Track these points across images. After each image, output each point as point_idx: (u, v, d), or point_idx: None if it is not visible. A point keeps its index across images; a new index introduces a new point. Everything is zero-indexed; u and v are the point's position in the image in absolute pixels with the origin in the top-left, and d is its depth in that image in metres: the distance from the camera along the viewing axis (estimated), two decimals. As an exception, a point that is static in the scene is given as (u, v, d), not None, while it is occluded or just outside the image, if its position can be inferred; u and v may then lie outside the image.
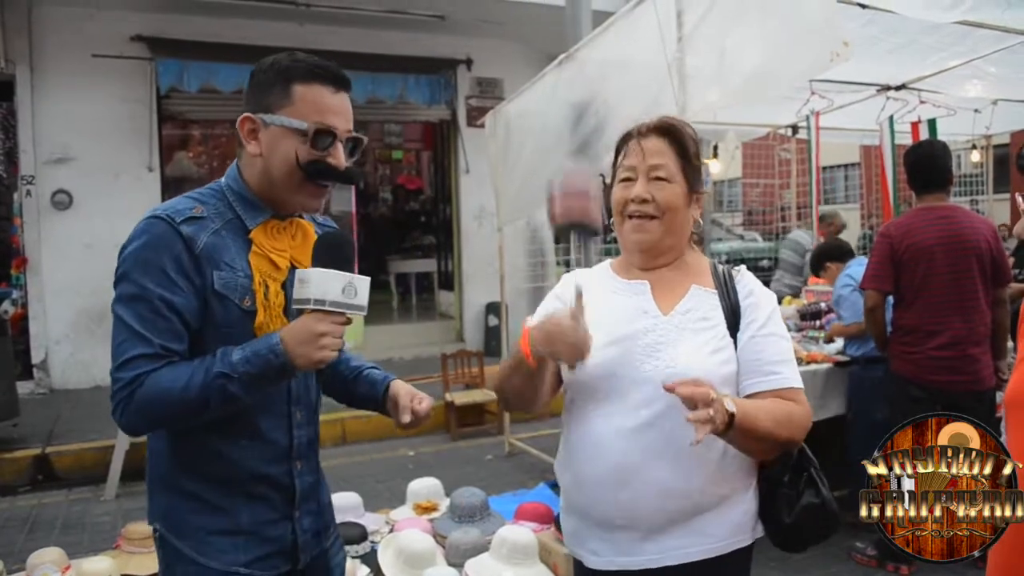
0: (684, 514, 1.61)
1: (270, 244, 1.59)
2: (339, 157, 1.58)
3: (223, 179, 1.64)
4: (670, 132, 1.71)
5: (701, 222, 1.80)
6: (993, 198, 8.72)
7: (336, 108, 1.58)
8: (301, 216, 1.69)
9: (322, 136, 1.55)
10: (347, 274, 1.47)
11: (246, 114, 1.58)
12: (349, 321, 1.50)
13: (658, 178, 1.69)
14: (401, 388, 1.79)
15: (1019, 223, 1.50)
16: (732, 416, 1.47)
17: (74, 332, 7.91)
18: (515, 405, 1.76)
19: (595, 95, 4.57)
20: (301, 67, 1.56)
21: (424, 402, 1.74)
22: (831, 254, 4.89)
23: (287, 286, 1.59)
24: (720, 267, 1.77)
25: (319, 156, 1.56)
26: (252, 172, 1.60)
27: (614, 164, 1.79)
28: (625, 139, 1.76)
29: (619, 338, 1.65)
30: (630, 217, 1.72)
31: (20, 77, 7.65)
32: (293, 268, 1.61)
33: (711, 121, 6.20)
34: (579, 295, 1.53)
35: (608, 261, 1.89)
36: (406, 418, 1.72)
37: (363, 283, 1.49)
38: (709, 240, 9.22)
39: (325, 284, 1.44)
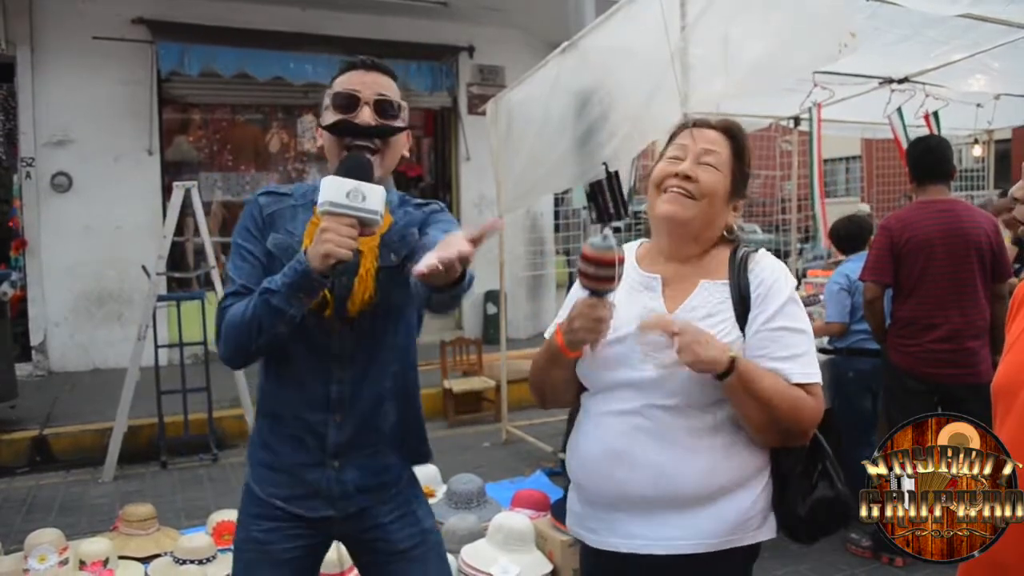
0: (678, 502, 1.60)
1: None
2: (363, 117, 1.71)
3: None
4: (729, 130, 1.73)
5: (736, 228, 1.77)
6: (994, 193, 8.69)
7: (360, 81, 1.74)
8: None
9: (340, 99, 1.73)
10: (352, 180, 1.55)
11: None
12: (363, 224, 1.55)
13: (707, 163, 1.68)
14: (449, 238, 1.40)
15: (1018, 183, 1.48)
16: (733, 360, 1.53)
17: (73, 315, 7.92)
18: (551, 400, 1.86)
19: (598, 84, 4.55)
20: (340, 68, 1.80)
21: (453, 248, 1.32)
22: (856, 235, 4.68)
23: None
24: (740, 251, 1.72)
25: (342, 117, 1.72)
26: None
27: (663, 151, 1.78)
28: (680, 128, 1.77)
29: (624, 336, 1.64)
30: (667, 191, 1.68)
31: (21, 59, 7.60)
32: None
33: (713, 112, 6.17)
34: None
35: (638, 242, 1.87)
36: (421, 267, 1.32)
37: (373, 190, 1.55)
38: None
39: (329, 189, 1.54)
